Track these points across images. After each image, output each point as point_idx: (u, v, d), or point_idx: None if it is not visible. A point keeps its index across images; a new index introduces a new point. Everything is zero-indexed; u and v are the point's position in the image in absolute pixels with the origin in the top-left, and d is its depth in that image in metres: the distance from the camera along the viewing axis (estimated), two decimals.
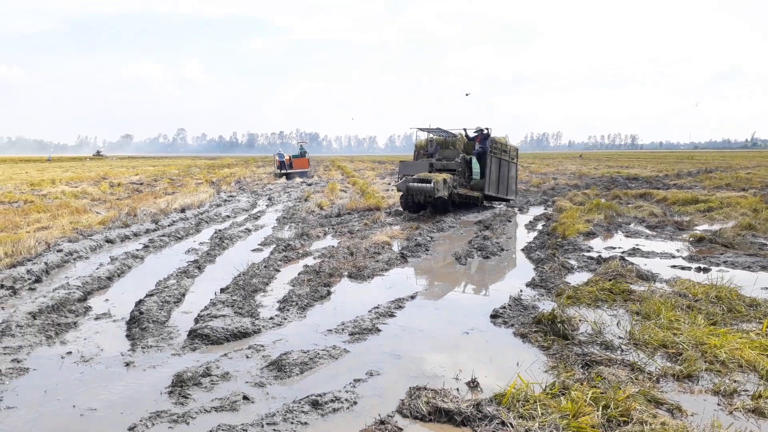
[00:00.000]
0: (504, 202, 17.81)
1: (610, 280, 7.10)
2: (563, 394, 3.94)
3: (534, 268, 8.38)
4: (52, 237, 10.34)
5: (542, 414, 3.65)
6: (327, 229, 12.41)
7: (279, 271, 8.42)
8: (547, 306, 6.16)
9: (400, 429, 3.59)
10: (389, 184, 26.79)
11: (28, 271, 7.67)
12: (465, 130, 17.01)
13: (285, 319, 5.97)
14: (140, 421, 3.71)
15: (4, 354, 4.85)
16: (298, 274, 7.96)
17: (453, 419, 3.74)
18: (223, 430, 3.46)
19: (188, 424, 3.71)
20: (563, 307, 5.85)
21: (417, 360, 4.83)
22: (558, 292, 6.71)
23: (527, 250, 9.77)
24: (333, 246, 10.13)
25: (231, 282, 7.38)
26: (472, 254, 9.37)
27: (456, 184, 14.89)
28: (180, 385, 4.22)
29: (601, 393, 3.90)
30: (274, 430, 3.54)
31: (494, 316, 5.98)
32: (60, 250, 9.17)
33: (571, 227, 11.09)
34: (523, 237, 11.33)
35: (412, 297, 6.75)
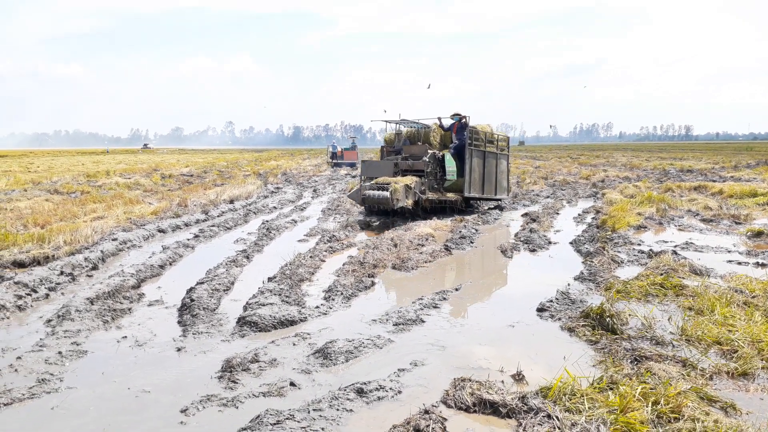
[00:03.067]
0: (494, 203, 15.16)
1: (661, 274, 6.90)
2: (611, 389, 3.87)
3: (582, 262, 8.22)
4: (108, 226, 10.74)
5: (589, 408, 3.59)
6: (371, 220, 12.48)
7: (324, 261, 8.52)
8: (595, 300, 6.04)
9: (444, 419, 3.60)
10: None
11: (85, 259, 8.00)
12: (440, 119, 14.37)
13: (330, 308, 6.05)
14: (191, 404, 3.83)
15: (65, 337, 5.08)
16: (343, 264, 8.03)
17: (498, 411, 3.73)
18: (271, 414, 3.53)
19: (237, 408, 3.81)
20: (612, 302, 5.72)
21: (461, 351, 4.82)
22: (607, 286, 6.57)
23: (576, 243, 9.59)
24: (377, 237, 10.18)
25: (278, 271, 7.52)
26: (518, 247, 9.26)
27: (425, 188, 12.51)
28: (229, 370, 4.34)
29: (651, 389, 3.81)
30: (321, 416, 3.60)
31: (541, 309, 5.91)
32: (115, 239, 9.52)
33: (622, 220, 10.82)
34: (572, 230, 11.11)
35: (457, 289, 6.72)
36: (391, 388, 4.02)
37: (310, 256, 8.53)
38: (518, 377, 4.25)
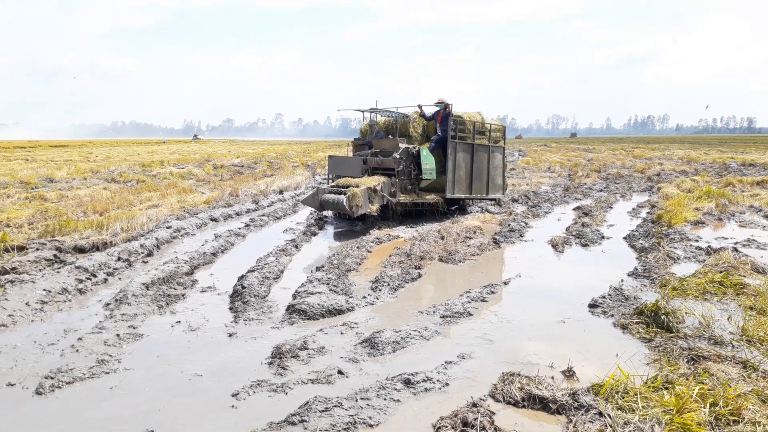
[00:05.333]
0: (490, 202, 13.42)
1: (720, 272, 6.63)
2: (666, 389, 3.75)
3: (636, 258, 7.98)
4: (162, 214, 11.07)
5: (643, 407, 3.49)
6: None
7: (370, 252, 8.55)
8: (650, 297, 5.86)
9: (493, 413, 3.56)
10: None
11: (141, 246, 8.27)
12: (420, 107, 12.32)
13: (377, 298, 6.07)
14: (242, 388, 3.91)
15: (122, 320, 5.27)
16: (389, 255, 8.04)
17: (547, 407, 3.66)
18: (319, 401, 3.58)
19: (286, 393, 3.87)
20: (668, 299, 5.54)
21: (510, 346, 4.76)
22: (662, 283, 6.36)
23: (629, 239, 9.32)
24: (424, 229, 10.15)
25: (326, 261, 7.59)
26: (570, 241, 9.06)
27: (395, 189, 10.78)
28: (279, 356, 4.41)
29: (709, 390, 3.67)
30: (368, 404, 3.62)
31: (593, 305, 5.77)
32: (169, 227, 9.80)
33: (678, 215, 10.45)
34: (626, 224, 10.80)
35: (506, 283, 6.63)
36: (438, 380, 4.01)
37: (357, 247, 8.58)
38: (569, 373, 4.16)
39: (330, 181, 11.74)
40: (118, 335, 4.85)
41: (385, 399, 3.72)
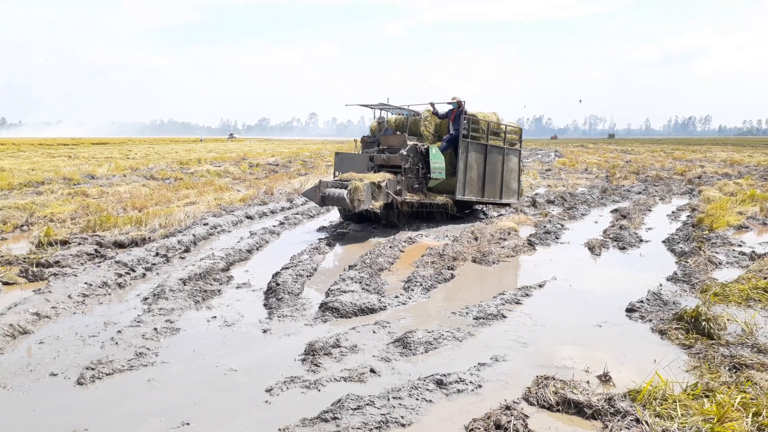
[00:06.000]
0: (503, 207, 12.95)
1: (765, 278, 6.42)
2: (707, 397, 3.65)
3: (676, 262, 7.79)
4: (199, 212, 11.28)
5: (682, 415, 3.40)
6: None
7: (403, 251, 8.55)
8: (689, 302, 5.70)
9: (526, 416, 3.52)
10: None
11: (179, 242, 8.44)
12: (432, 104, 11.76)
13: (409, 298, 6.06)
14: (276, 384, 3.95)
15: (160, 314, 5.38)
16: (422, 255, 8.02)
17: (582, 411, 3.60)
18: (352, 399, 3.59)
19: (319, 390, 3.90)
20: (709, 305, 5.39)
21: (544, 349, 4.69)
22: (703, 288, 6.19)
23: (669, 242, 9.09)
24: (456, 230, 10.10)
25: (358, 260, 7.62)
26: (607, 244, 8.89)
27: (401, 187, 10.31)
28: (312, 353, 4.44)
29: (752, 399, 3.56)
30: (400, 404, 3.61)
31: (630, 310, 5.65)
32: (206, 224, 9.98)
33: (720, 219, 10.15)
34: (665, 228, 10.54)
35: (540, 286, 6.55)
36: (471, 382, 3.98)
37: (390, 246, 8.58)
38: (605, 378, 4.09)
39: (335, 177, 10.98)
40: (155, 329, 4.96)
41: (417, 399, 3.71)
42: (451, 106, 11.41)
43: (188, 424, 3.43)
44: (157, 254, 7.68)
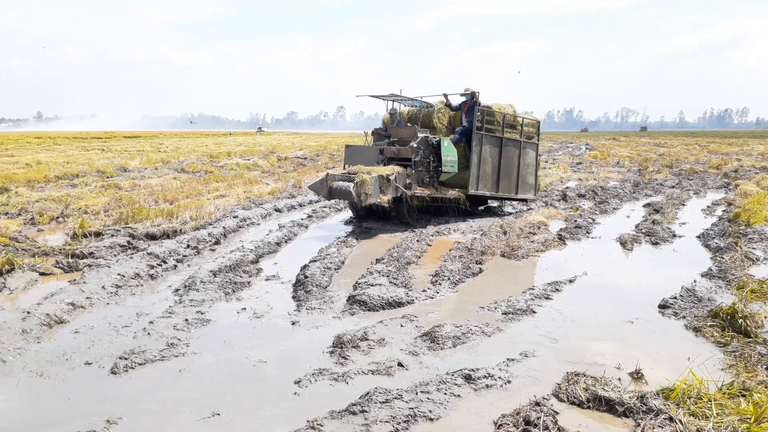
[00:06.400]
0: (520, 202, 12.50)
1: None
2: (743, 396, 3.56)
3: (711, 258, 7.60)
4: (229, 204, 11.40)
5: (717, 414, 3.32)
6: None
7: (430, 245, 8.52)
8: (725, 299, 5.56)
9: (556, 412, 3.47)
10: (546, 161, 25.78)
11: (209, 234, 8.54)
12: (446, 95, 11.38)
13: (437, 292, 6.03)
14: (305, 376, 3.98)
15: (191, 306, 5.46)
16: (450, 249, 7.98)
17: (614, 409, 3.54)
18: (380, 392, 3.59)
19: (347, 383, 3.91)
20: (746, 301, 5.24)
21: (574, 345, 4.63)
22: (739, 285, 6.03)
23: (703, 238, 8.88)
24: (485, 223, 10.02)
25: (386, 253, 7.61)
26: (639, 239, 8.72)
27: (411, 181, 9.95)
28: (340, 346, 4.46)
29: None
30: (428, 398, 3.60)
31: (663, 306, 5.53)
32: (235, 217, 10.08)
33: (758, 214, 9.86)
34: (699, 223, 10.30)
35: (571, 281, 6.45)
36: (499, 377, 3.94)
37: (417, 240, 8.56)
38: (637, 376, 4.01)
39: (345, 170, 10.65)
40: (186, 320, 5.03)
41: (445, 393, 3.69)
42: (464, 98, 11.05)
43: (218, 414, 3.48)
44: (188, 246, 7.79)
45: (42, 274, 6.53)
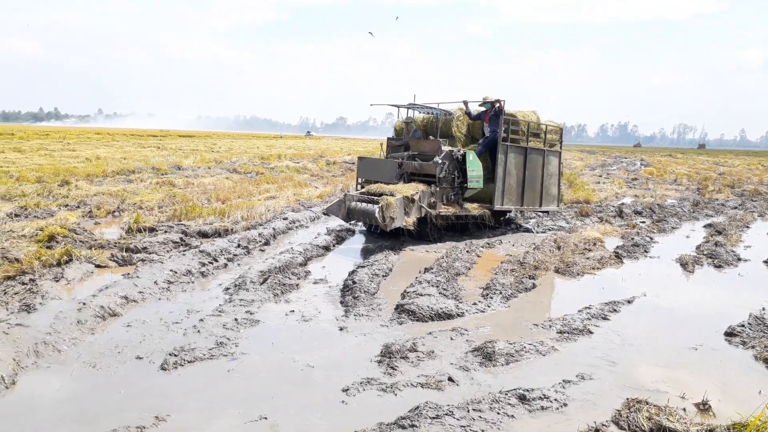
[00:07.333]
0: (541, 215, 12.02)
1: None
2: None
3: None
4: (279, 206, 11.49)
5: None
6: (529, 217, 12.01)
7: (480, 256, 8.35)
8: None
9: None
10: (600, 176, 25.12)
11: (259, 234, 8.60)
12: (466, 103, 10.69)
13: (488, 306, 5.86)
14: (352, 384, 3.89)
15: (240, 305, 5.46)
16: (501, 262, 7.79)
17: None
18: (430, 407, 3.46)
19: (395, 395, 3.80)
20: None
21: (634, 370, 4.39)
22: None
23: None
24: (538, 238, 9.75)
25: (434, 263, 7.48)
26: (701, 261, 8.31)
27: (435, 199, 9.20)
28: (388, 356, 4.35)
29: None
30: (480, 417, 3.46)
31: (730, 334, 5.22)
32: (285, 218, 10.14)
33: None
34: (766, 247, 9.76)
35: (629, 301, 6.17)
36: (555, 399, 3.76)
37: (467, 251, 8.40)
38: (703, 407, 3.76)
39: (360, 186, 10.01)
40: (236, 319, 5.02)
41: (498, 413, 3.54)
42: (484, 108, 10.45)
43: (266, 418, 3.42)
44: (239, 245, 7.84)
45: (98, 266, 6.67)
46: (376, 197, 8.59)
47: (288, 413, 3.50)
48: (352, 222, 9.55)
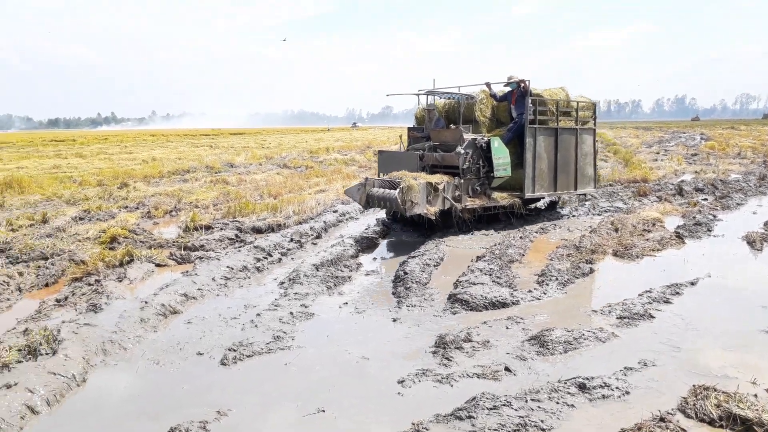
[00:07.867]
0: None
1: None
2: None
3: None
4: (329, 199, 11.59)
5: None
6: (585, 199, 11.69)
7: (533, 242, 8.19)
8: None
9: (684, 430, 3.16)
10: (657, 153, 24.22)
11: (311, 228, 8.70)
12: (489, 85, 10.10)
13: (544, 293, 5.75)
14: (408, 376, 3.89)
15: (295, 299, 5.54)
16: (556, 248, 7.62)
17: (751, 429, 3.17)
18: (487, 398, 3.43)
19: (451, 386, 3.77)
20: None
21: (700, 355, 4.22)
22: None
23: None
24: (594, 219, 9.49)
25: (486, 251, 7.38)
26: None
27: (461, 192, 8.67)
28: (443, 346, 4.33)
29: None
30: (539, 407, 3.39)
31: None
32: (335, 211, 10.22)
33: None
34: None
35: (692, 283, 5.93)
36: (617, 387, 3.65)
37: (520, 237, 8.26)
38: None
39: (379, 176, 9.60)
40: (291, 313, 5.10)
41: (557, 402, 3.46)
42: (510, 88, 9.91)
43: (323, 411, 3.46)
44: (292, 240, 7.96)
45: (157, 265, 6.90)
46: (393, 183, 8.30)
47: (344, 405, 3.54)
48: (369, 209, 9.22)
